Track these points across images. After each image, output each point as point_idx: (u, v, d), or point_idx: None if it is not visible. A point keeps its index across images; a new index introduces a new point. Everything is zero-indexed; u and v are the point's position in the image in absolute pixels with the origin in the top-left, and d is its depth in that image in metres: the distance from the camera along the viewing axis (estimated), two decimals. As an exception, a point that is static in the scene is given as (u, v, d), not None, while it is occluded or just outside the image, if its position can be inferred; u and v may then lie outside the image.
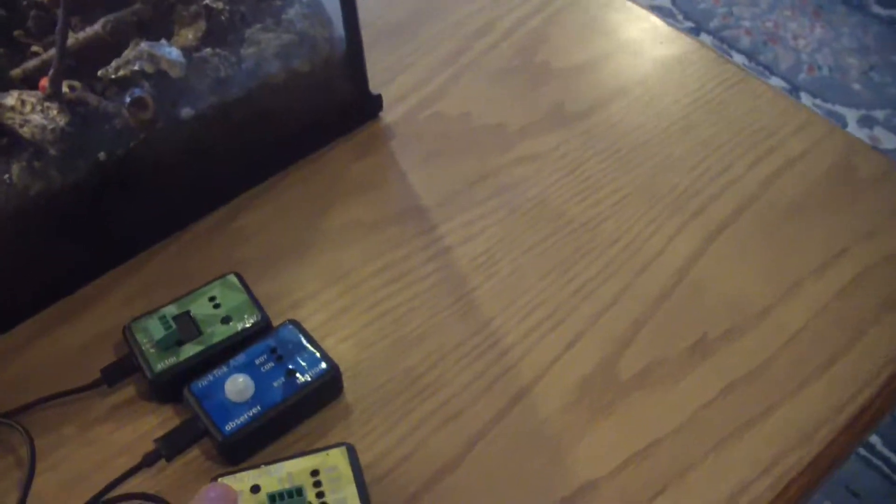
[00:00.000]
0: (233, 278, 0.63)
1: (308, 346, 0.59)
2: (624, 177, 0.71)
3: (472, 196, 0.70)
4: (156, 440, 0.57)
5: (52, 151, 0.60)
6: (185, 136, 0.65)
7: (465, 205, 0.70)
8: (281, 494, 0.51)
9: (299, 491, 0.51)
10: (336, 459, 0.53)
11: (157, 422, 0.59)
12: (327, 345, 0.61)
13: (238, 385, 0.57)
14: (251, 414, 0.56)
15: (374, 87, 0.75)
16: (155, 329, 0.60)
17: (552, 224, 0.68)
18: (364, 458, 0.56)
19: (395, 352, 0.62)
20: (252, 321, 0.61)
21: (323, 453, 0.54)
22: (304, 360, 0.59)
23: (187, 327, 0.61)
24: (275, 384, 0.58)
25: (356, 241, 0.68)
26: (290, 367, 0.58)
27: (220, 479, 0.53)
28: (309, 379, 0.58)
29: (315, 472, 0.53)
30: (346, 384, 0.60)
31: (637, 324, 0.62)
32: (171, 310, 0.62)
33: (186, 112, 0.64)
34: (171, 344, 0.60)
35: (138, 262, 0.68)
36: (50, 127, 0.60)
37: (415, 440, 0.58)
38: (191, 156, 0.66)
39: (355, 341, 0.63)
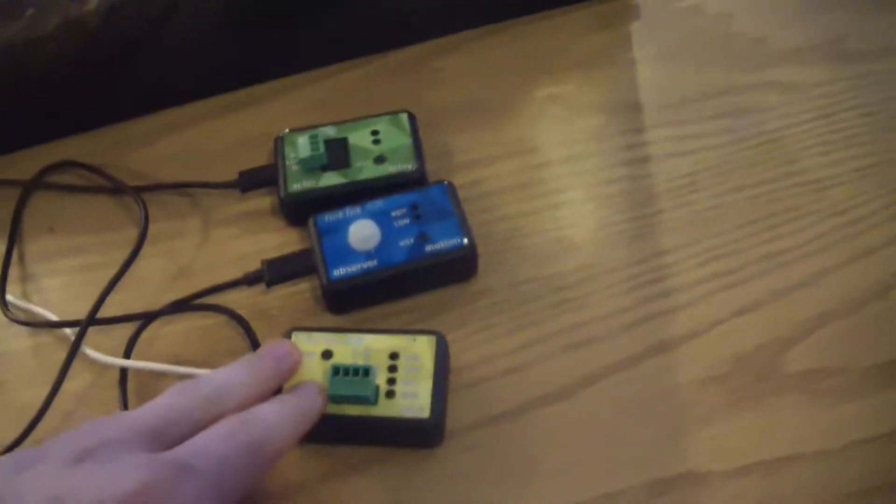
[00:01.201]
0: (404, 118, 0.57)
1: (453, 213, 0.53)
2: (881, 142, 0.58)
3: (701, 109, 0.60)
4: (263, 261, 0.53)
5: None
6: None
7: (688, 116, 0.60)
8: (346, 370, 0.45)
9: (367, 371, 0.45)
10: (421, 348, 0.47)
11: (276, 242, 0.56)
12: (479, 220, 0.55)
13: (363, 231, 0.52)
14: (365, 266, 0.51)
15: (637, -43, 0.66)
16: (303, 147, 0.55)
17: (777, 170, 0.57)
18: (465, 357, 0.50)
19: (549, 251, 0.55)
20: (406, 168, 0.55)
21: (410, 336, 0.47)
22: (442, 228, 0.52)
23: (337, 154, 0.56)
24: (402, 243, 0.52)
25: (555, 118, 0.61)
26: (426, 230, 0.52)
27: (294, 334, 0.48)
28: (440, 249, 0.51)
29: (395, 356, 0.47)
30: (483, 269, 0.54)
31: (826, 317, 0.51)
32: (328, 132, 0.57)
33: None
34: (314, 167, 0.55)
35: (326, 73, 0.64)
36: None
37: (530, 355, 0.51)
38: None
39: (511, 226, 0.56)
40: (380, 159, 0.55)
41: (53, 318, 0.52)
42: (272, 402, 0.42)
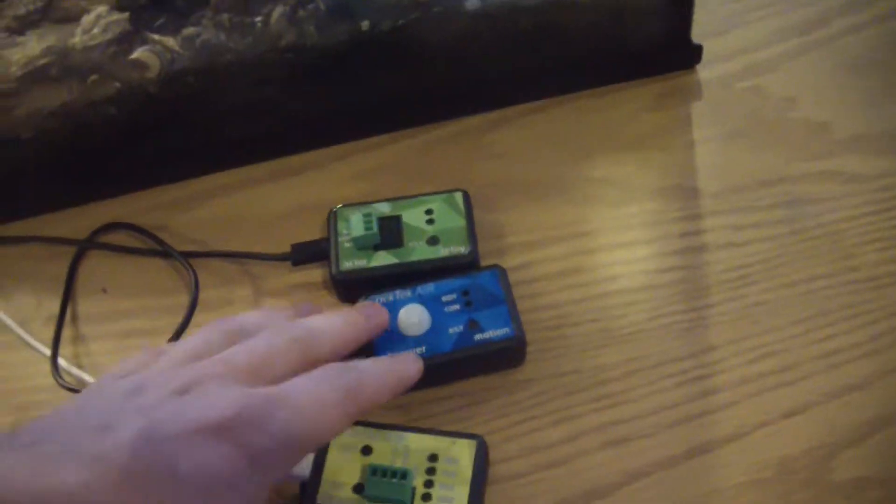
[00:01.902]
0: (458, 197, 0.57)
1: (503, 301, 0.53)
2: (944, 241, 0.58)
3: (757, 198, 0.60)
4: (311, 340, 0.53)
5: (321, 5, 0.56)
6: (462, 28, 0.58)
7: (744, 204, 0.59)
8: (384, 471, 0.45)
9: (404, 474, 0.45)
10: (460, 452, 0.47)
11: (326, 318, 0.56)
12: (527, 306, 0.55)
13: (413, 317, 0.52)
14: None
15: (699, 35, 0.65)
16: (357, 225, 0.55)
17: (834, 264, 0.57)
18: (506, 448, 0.50)
19: (595, 342, 0.54)
20: (459, 251, 0.55)
21: (450, 439, 0.47)
22: (492, 316, 0.52)
23: (390, 234, 0.56)
24: (451, 330, 0.52)
25: (609, 201, 0.60)
26: (475, 317, 0.52)
27: None
28: (489, 338, 0.51)
29: (433, 458, 0.47)
30: (529, 357, 0.53)
31: (879, 422, 0.51)
32: (382, 209, 0.57)
33: (472, 3, 0.57)
34: (367, 245, 0.55)
35: (379, 141, 0.64)
36: (325, -23, 0.55)
37: (570, 450, 0.50)
38: (461, 51, 0.60)
39: (559, 313, 0.55)
40: (433, 240, 0.55)
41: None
42: (371, 359, 0.46)
